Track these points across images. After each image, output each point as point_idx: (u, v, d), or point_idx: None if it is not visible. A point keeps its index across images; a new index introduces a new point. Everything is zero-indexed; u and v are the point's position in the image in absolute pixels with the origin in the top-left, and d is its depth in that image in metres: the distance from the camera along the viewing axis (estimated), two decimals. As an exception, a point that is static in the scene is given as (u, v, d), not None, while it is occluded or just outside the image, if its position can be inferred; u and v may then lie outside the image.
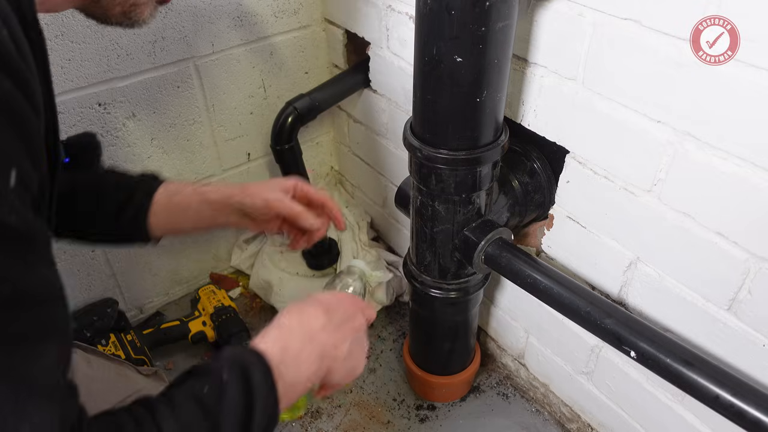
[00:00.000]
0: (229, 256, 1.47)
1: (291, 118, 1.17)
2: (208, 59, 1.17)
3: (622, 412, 1.00)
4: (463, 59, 0.69)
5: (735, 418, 0.64)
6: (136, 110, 1.13)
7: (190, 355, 1.30)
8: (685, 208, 0.73)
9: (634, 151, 0.76)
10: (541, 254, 1.01)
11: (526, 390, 1.22)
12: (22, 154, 0.36)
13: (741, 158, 0.64)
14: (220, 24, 1.15)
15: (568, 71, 0.79)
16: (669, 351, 0.69)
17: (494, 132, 0.80)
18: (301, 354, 0.56)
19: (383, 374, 1.26)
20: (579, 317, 0.77)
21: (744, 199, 0.66)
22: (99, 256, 1.23)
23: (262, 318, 1.39)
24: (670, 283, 0.80)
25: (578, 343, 1.01)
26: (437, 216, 0.87)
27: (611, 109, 0.76)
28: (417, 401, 1.21)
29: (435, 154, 0.79)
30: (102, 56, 1.04)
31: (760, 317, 0.71)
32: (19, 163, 0.36)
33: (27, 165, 0.37)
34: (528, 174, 1.00)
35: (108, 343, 1.19)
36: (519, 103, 0.90)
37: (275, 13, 1.21)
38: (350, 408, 1.19)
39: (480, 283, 0.99)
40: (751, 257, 0.68)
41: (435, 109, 0.77)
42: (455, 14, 0.66)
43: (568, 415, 1.14)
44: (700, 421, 0.86)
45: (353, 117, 1.38)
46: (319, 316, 0.60)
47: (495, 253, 0.87)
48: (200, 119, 1.22)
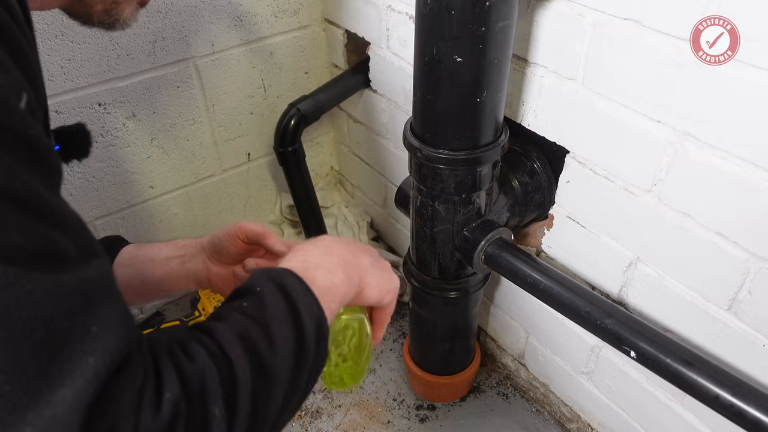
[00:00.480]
0: (229, 256, 1.47)
1: (294, 120, 1.16)
2: (208, 59, 1.17)
3: (622, 412, 1.00)
4: (463, 59, 0.69)
5: (735, 418, 0.64)
6: (136, 110, 1.13)
7: (190, 355, 1.30)
8: (685, 208, 0.73)
9: (634, 151, 0.76)
10: (541, 254, 1.01)
11: (526, 390, 1.22)
12: (27, 85, 0.36)
13: (741, 158, 0.64)
14: (220, 24, 1.15)
15: (568, 71, 0.79)
16: (669, 351, 0.69)
17: (494, 132, 0.80)
18: (322, 262, 0.54)
19: (383, 374, 1.26)
20: (579, 317, 0.77)
21: (744, 199, 0.66)
22: (99, 256, 1.23)
23: (262, 318, 1.39)
24: (670, 283, 0.80)
25: (578, 343, 1.01)
26: (437, 216, 0.87)
27: (611, 109, 0.76)
28: (417, 401, 1.21)
29: (435, 154, 0.79)
30: (102, 56, 1.04)
31: (760, 317, 0.71)
32: (27, 90, 0.35)
33: (32, 96, 0.36)
34: (528, 174, 1.00)
35: (108, 343, 1.19)
36: (519, 103, 0.90)
37: (275, 13, 1.21)
38: (350, 408, 1.19)
39: (480, 283, 0.99)
40: (751, 257, 0.68)
41: (435, 109, 0.77)
42: (455, 14, 0.66)
43: (568, 415, 1.14)
44: (700, 421, 0.86)
45: (353, 117, 1.38)
46: (326, 238, 0.59)
47: (495, 253, 0.86)
48: (200, 119, 1.22)
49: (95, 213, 1.18)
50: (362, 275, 0.58)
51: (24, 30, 0.38)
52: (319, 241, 0.59)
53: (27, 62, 0.37)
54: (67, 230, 0.34)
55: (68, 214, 0.35)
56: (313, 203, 1.29)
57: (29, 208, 0.32)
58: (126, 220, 1.23)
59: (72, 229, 0.35)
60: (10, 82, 0.34)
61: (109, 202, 1.19)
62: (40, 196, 0.32)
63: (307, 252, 0.55)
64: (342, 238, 0.62)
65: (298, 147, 1.20)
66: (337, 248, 0.57)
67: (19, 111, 0.33)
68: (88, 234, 0.37)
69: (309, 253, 0.55)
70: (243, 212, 1.43)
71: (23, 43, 0.37)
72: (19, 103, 0.34)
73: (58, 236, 0.33)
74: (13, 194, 0.31)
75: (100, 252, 0.37)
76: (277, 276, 0.49)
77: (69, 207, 0.36)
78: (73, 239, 0.34)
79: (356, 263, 0.58)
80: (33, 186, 0.32)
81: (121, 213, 1.22)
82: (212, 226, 1.39)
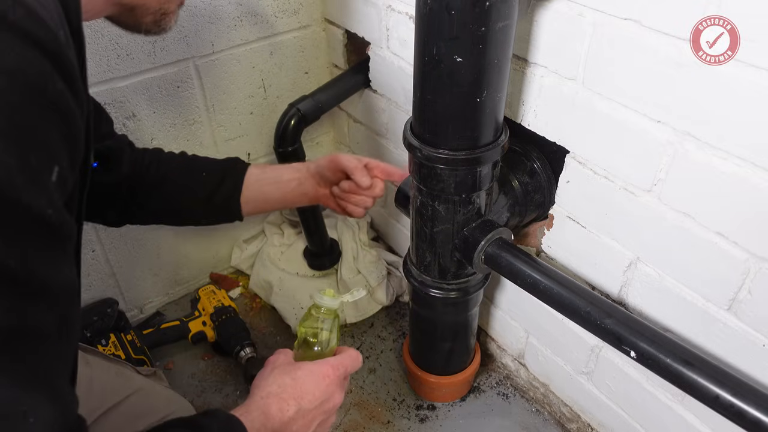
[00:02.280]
0: (229, 256, 1.47)
1: (294, 120, 1.16)
2: (208, 59, 1.17)
3: (622, 412, 1.00)
4: (463, 59, 0.69)
5: (735, 418, 0.64)
6: (136, 110, 1.13)
7: (190, 355, 1.30)
8: (685, 208, 0.73)
9: (634, 151, 0.76)
10: (541, 254, 1.01)
11: (526, 390, 1.22)
12: (65, 153, 0.37)
13: (741, 158, 0.64)
14: (220, 24, 1.15)
15: (568, 71, 0.79)
16: (669, 351, 0.69)
17: (494, 132, 0.80)
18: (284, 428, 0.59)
19: (383, 374, 1.26)
20: (579, 317, 0.77)
21: (744, 200, 0.66)
22: (99, 256, 1.23)
23: (262, 318, 1.39)
24: (670, 283, 0.80)
25: (578, 343, 1.01)
26: (437, 216, 0.87)
27: (611, 109, 0.76)
28: (417, 401, 1.21)
29: (435, 154, 0.79)
30: (102, 56, 1.04)
31: (760, 317, 0.71)
32: (60, 161, 0.37)
33: (66, 164, 0.38)
34: (528, 174, 1.00)
35: (108, 343, 1.19)
36: (519, 103, 0.90)
37: (275, 13, 1.21)
38: (350, 408, 1.19)
39: (480, 283, 1.00)
40: (751, 257, 0.68)
41: (435, 109, 0.77)
42: (455, 14, 0.66)
43: (568, 415, 1.14)
44: (700, 421, 0.86)
45: (353, 117, 1.38)
46: (289, 409, 0.61)
47: (495, 253, 0.86)
48: (200, 119, 1.22)
49: (95, 213, 1.18)
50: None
51: (79, 94, 0.39)
52: (279, 410, 0.60)
53: (75, 130, 0.39)
54: (52, 306, 0.36)
55: (60, 289, 0.37)
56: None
57: (17, 284, 0.33)
58: (126, 220, 1.23)
59: (58, 305, 0.37)
60: (44, 159, 0.35)
61: (109, 202, 1.19)
62: (33, 274, 0.34)
63: (270, 413, 0.58)
64: (317, 386, 0.64)
65: (298, 147, 1.20)
66: (291, 427, 0.60)
67: (45, 188, 0.35)
68: (72, 310, 0.39)
69: (271, 417, 0.58)
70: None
71: (76, 115, 0.38)
72: (50, 178, 0.35)
73: (40, 312, 0.35)
74: (3, 271, 0.33)
75: (77, 329, 0.40)
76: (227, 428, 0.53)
77: (66, 277, 0.38)
78: (56, 313, 0.36)
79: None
80: (28, 263, 0.34)
81: (121, 213, 1.22)
82: (212, 226, 1.39)
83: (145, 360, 1.19)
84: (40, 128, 0.35)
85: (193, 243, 1.38)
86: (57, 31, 0.36)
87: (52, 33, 0.35)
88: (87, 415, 0.81)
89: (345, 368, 0.67)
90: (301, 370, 0.63)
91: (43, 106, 0.35)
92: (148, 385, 0.92)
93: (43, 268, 0.35)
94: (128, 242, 1.26)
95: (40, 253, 0.35)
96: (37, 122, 0.34)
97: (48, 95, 0.35)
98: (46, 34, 0.35)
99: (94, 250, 1.21)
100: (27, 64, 0.33)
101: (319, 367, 0.64)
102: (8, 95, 0.32)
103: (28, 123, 0.34)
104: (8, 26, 0.32)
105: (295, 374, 0.63)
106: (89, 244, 1.20)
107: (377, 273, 1.38)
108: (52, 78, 0.35)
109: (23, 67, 0.33)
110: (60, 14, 0.38)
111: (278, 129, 1.17)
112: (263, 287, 1.41)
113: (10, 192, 0.32)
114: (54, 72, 0.35)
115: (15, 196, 0.32)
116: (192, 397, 1.21)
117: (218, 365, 1.28)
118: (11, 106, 0.32)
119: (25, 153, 0.33)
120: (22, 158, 0.33)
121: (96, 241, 1.21)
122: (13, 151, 0.32)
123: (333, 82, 1.26)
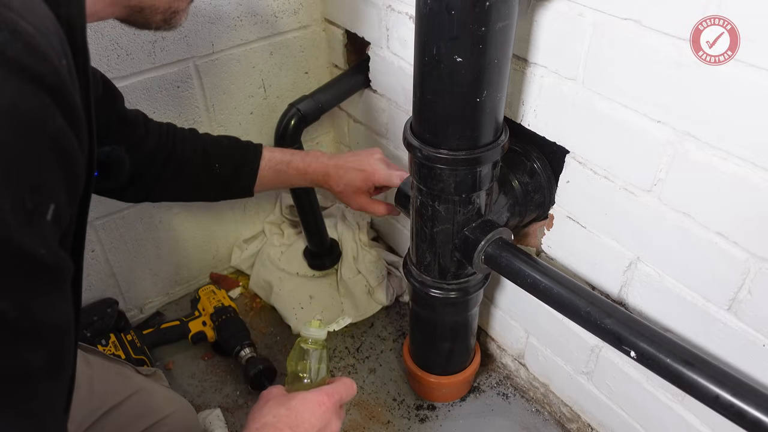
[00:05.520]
0: (229, 256, 1.47)
1: (294, 120, 1.16)
2: (208, 59, 1.17)
3: (622, 412, 1.00)
4: (463, 59, 0.69)
5: (735, 418, 0.64)
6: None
7: (190, 355, 1.30)
8: (685, 208, 0.73)
9: (634, 151, 0.76)
10: (541, 254, 1.01)
11: (526, 390, 1.22)
12: (62, 190, 0.36)
13: (741, 158, 0.64)
14: (220, 24, 1.15)
15: (568, 71, 0.79)
16: (669, 351, 0.69)
17: (494, 132, 0.80)
18: None
19: (383, 374, 1.26)
20: (579, 317, 0.77)
21: (744, 199, 0.66)
22: (99, 256, 1.23)
23: (262, 318, 1.39)
24: (670, 283, 0.80)
25: (578, 343, 1.01)
26: (437, 216, 0.87)
27: (611, 109, 0.76)
28: (417, 401, 1.21)
29: (435, 154, 0.79)
30: (102, 56, 1.04)
31: (760, 317, 0.71)
32: (57, 199, 0.36)
33: (63, 201, 0.37)
34: (528, 174, 1.00)
35: (108, 343, 1.19)
36: (519, 103, 0.90)
37: (275, 13, 1.21)
38: (350, 408, 1.19)
39: (480, 283, 1.00)
40: (751, 257, 0.68)
41: (435, 109, 0.77)
42: (455, 14, 0.66)
43: (568, 415, 1.14)
44: (700, 421, 0.86)
45: (353, 117, 1.38)
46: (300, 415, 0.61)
47: (495, 253, 0.86)
48: (200, 119, 1.22)
49: (95, 213, 1.18)
50: None
51: (80, 126, 0.38)
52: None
53: (76, 166, 0.38)
54: (43, 345, 0.36)
55: (52, 329, 0.37)
56: (313, 203, 1.29)
57: (8, 325, 0.33)
58: (126, 220, 1.23)
59: (49, 343, 0.37)
60: (39, 199, 0.34)
61: (109, 202, 1.18)
62: (25, 315, 0.34)
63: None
64: (312, 414, 0.64)
65: (298, 147, 1.20)
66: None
67: (39, 228, 0.34)
68: (65, 345, 0.39)
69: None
70: (243, 212, 1.43)
71: (76, 150, 0.38)
72: (46, 218, 0.35)
73: (29, 352, 0.35)
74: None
75: (70, 362, 0.41)
76: None
77: (60, 315, 0.38)
78: (47, 351, 0.36)
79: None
80: (20, 304, 0.34)
81: (121, 213, 1.22)
82: (213, 226, 1.39)
83: (145, 360, 1.19)
84: (36, 167, 0.33)
85: (193, 243, 1.38)
86: (58, 61, 0.35)
87: (53, 65, 0.34)
88: (88, 415, 0.82)
89: (340, 395, 0.67)
90: (296, 399, 0.64)
91: (39, 144, 0.34)
92: (149, 385, 0.93)
93: (36, 309, 0.35)
94: (128, 242, 1.26)
95: (32, 293, 0.34)
96: (32, 161, 0.33)
97: (47, 131, 0.34)
98: (46, 67, 0.33)
99: (93, 250, 1.21)
100: (23, 99, 0.32)
101: (314, 395, 0.65)
102: (1, 133, 0.31)
103: (22, 162, 0.32)
104: (6, 61, 0.31)
105: (290, 404, 0.63)
106: (89, 244, 1.19)
107: (377, 273, 1.38)
108: (52, 114, 0.34)
109: (19, 103, 0.32)
110: (62, 38, 0.37)
111: (278, 129, 1.17)
112: (263, 287, 1.41)
113: (2, 233, 0.31)
114: (53, 106, 0.34)
115: (7, 237, 0.31)
116: (192, 397, 1.21)
117: (218, 365, 1.28)
118: (4, 145, 0.31)
119: (20, 194, 0.32)
120: (16, 200, 0.32)
121: (96, 241, 1.21)
122: (5, 192, 0.31)
123: (333, 82, 1.26)
